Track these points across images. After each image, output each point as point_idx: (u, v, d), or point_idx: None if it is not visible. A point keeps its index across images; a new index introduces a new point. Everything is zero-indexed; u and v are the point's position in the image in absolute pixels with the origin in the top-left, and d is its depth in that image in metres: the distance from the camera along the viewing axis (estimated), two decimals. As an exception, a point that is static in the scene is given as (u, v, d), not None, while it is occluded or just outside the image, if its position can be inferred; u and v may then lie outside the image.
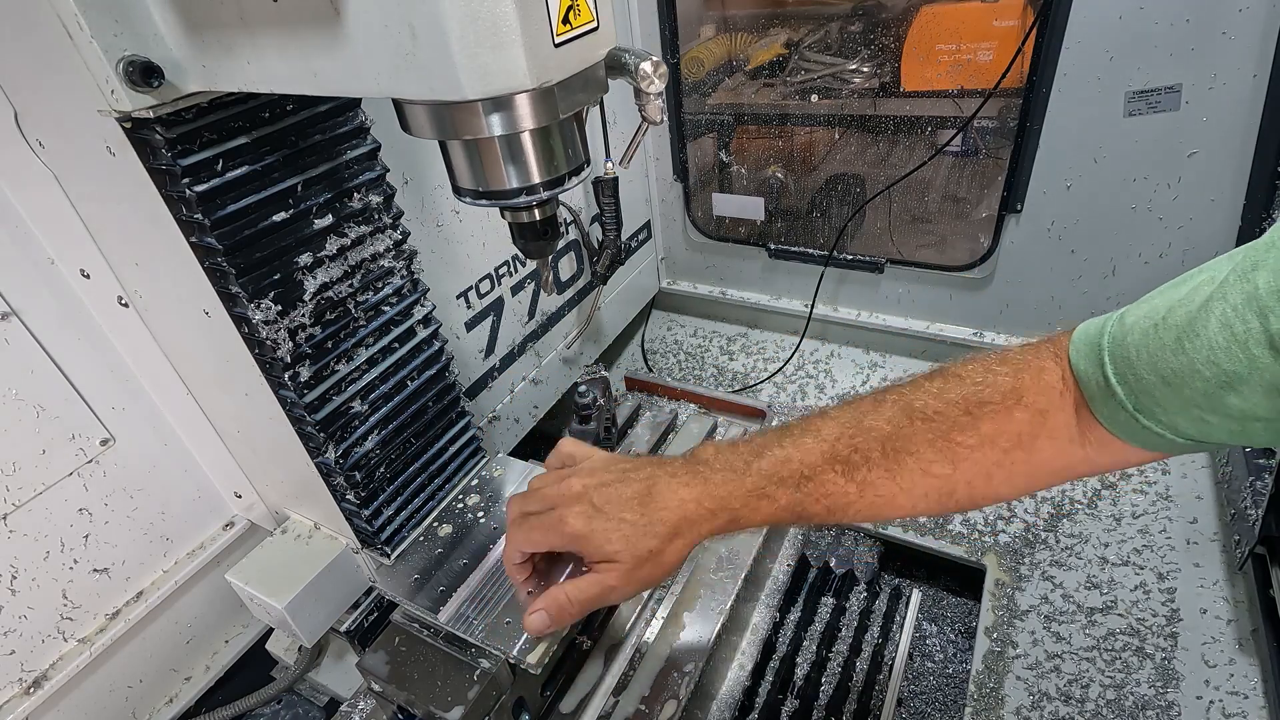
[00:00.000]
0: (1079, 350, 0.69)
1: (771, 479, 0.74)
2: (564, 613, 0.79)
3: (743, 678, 1.33)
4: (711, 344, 2.38)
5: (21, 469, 1.05)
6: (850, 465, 0.73)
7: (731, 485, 0.75)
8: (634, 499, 0.76)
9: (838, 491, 0.73)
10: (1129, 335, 0.64)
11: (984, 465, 0.71)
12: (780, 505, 0.74)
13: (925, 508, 0.74)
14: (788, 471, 0.74)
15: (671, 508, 0.75)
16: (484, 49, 0.57)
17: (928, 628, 1.86)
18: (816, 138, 2.18)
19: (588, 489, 0.78)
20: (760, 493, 0.74)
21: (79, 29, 0.70)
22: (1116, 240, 1.69)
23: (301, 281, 0.95)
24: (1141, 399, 0.63)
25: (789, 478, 0.74)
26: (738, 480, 0.75)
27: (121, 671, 1.24)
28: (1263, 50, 1.36)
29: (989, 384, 0.72)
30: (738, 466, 0.76)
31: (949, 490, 0.72)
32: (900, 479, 0.72)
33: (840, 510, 0.74)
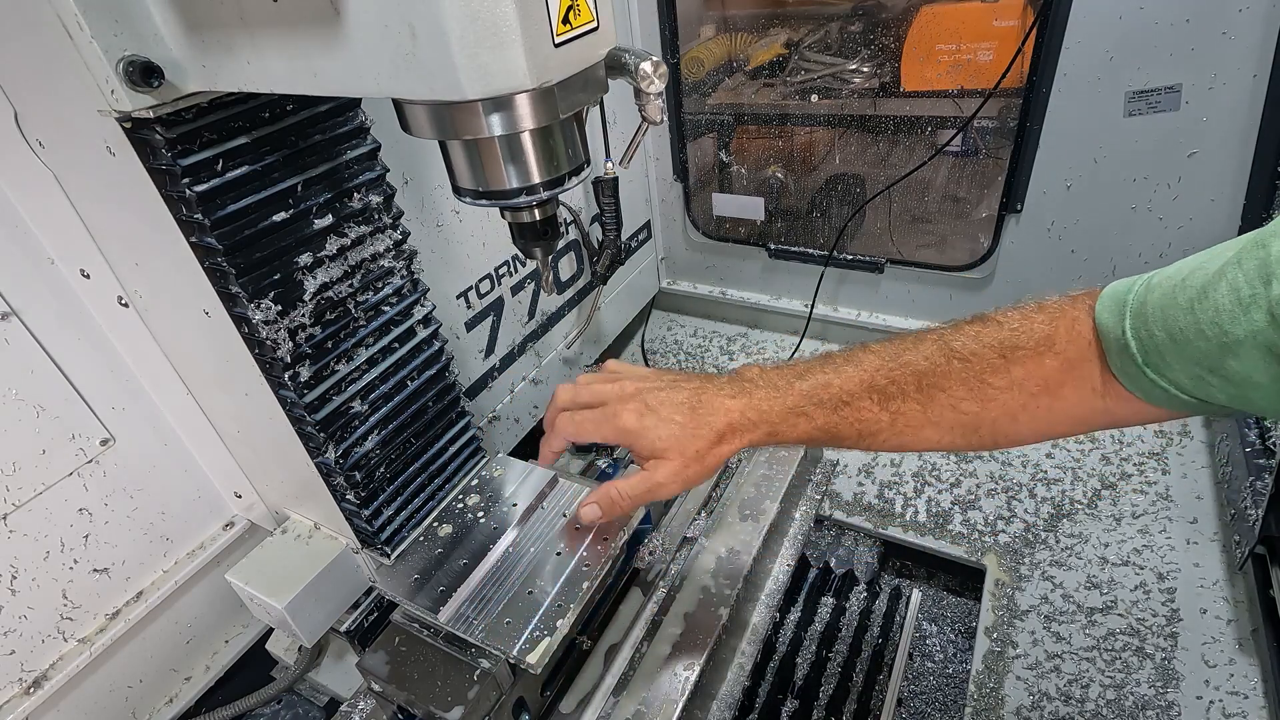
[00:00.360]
0: (1105, 305, 0.73)
1: (810, 399, 0.78)
2: (615, 506, 0.84)
3: (743, 678, 1.33)
4: (711, 344, 2.38)
5: (21, 469, 1.05)
6: (886, 395, 0.77)
7: (773, 401, 0.79)
8: (684, 403, 0.80)
9: (871, 418, 0.77)
10: (1151, 294, 0.68)
11: (1010, 407, 0.75)
12: (816, 425, 0.78)
13: (950, 441, 0.78)
14: (827, 395, 0.78)
15: (718, 414, 0.79)
16: (484, 49, 0.57)
17: (928, 628, 1.86)
18: (816, 138, 2.18)
19: (641, 390, 0.82)
20: (799, 411, 0.78)
21: (79, 29, 0.70)
22: (1116, 240, 1.69)
23: (301, 281, 0.95)
24: (1150, 354, 0.66)
25: (827, 400, 0.78)
26: (779, 397, 0.79)
27: (121, 671, 1.24)
28: (1263, 50, 1.36)
29: (1025, 330, 0.75)
30: (780, 385, 0.80)
31: (974, 426, 0.76)
32: (930, 411, 0.76)
33: (870, 435, 0.78)
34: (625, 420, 0.80)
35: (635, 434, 0.80)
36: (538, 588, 1.13)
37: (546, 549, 1.19)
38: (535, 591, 1.12)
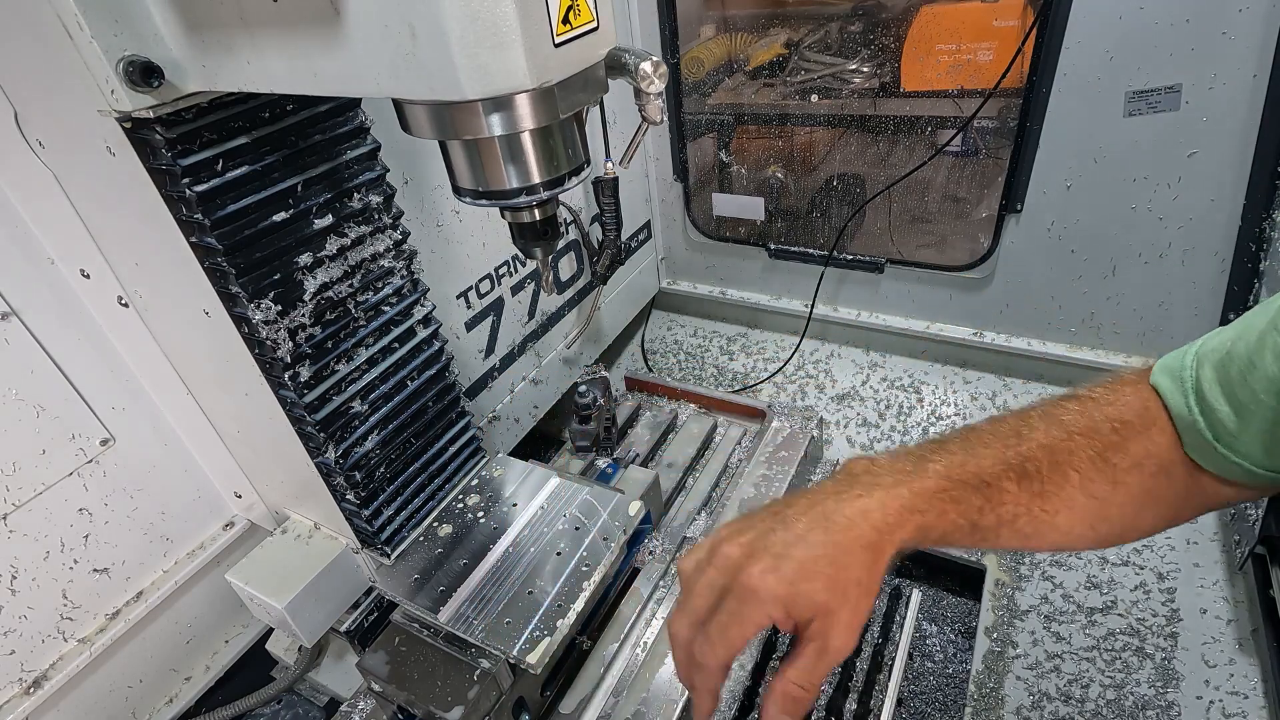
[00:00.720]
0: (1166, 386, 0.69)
1: (952, 479, 0.66)
2: (801, 704, 0.64)
3: (743, 677, 1.33)
4: (711, 344, 2.38)
5: (21, 469, 1.05)
6: (1024, 474, 0.67)
7: (910, 485, 0.66)
8: (814, 532, 0.63)
9: (1011, 501, 0.67)
10: (1203, 370, 0.65)
11: (1135, 491, 0.68)
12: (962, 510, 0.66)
13: (1080, 533, 0.69)
14: (967, 474, 0.67)
15: (859, 522, 0.63)
16: (484, 49, 0.57)
17: (928, 628, 1.86)
18: (816, 138, 2.18)
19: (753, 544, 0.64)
20: (945, 494, 0.66)
21: (79, 29, 0.70)
22: (1116, 240, 1.69)
23: (301, 281, 0.95)
24: (1220, 432, 0.63)
25: (969, 480, 0.67)
26: (915, 481, 0.66)
27: (121, 671, 1.24)
28: (1263, 50, 1.36)
29: (1123, 403, 0.70)
30: (907, 470, 0.68)
31: (1104, 515, 0.69)
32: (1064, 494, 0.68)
33: (1009, 524, 0.68)
34: (769, 589, 0.61)
35: (789, 599, 0.61)
36: (538, 588, 1.13)
37: (546, 549, 1.19)
38: (535, 591, 1.12)
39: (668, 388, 2.03)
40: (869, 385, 2.11)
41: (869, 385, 2.11)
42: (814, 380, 2.17)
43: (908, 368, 2.11)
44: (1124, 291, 1.74)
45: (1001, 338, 1.96)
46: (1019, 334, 1.94)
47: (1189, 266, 1.63)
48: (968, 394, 2.00)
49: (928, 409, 2.01)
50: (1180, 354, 0.69)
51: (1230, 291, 1.59)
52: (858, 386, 2.11)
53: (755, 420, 1.84)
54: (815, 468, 1.77)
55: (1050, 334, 1.90)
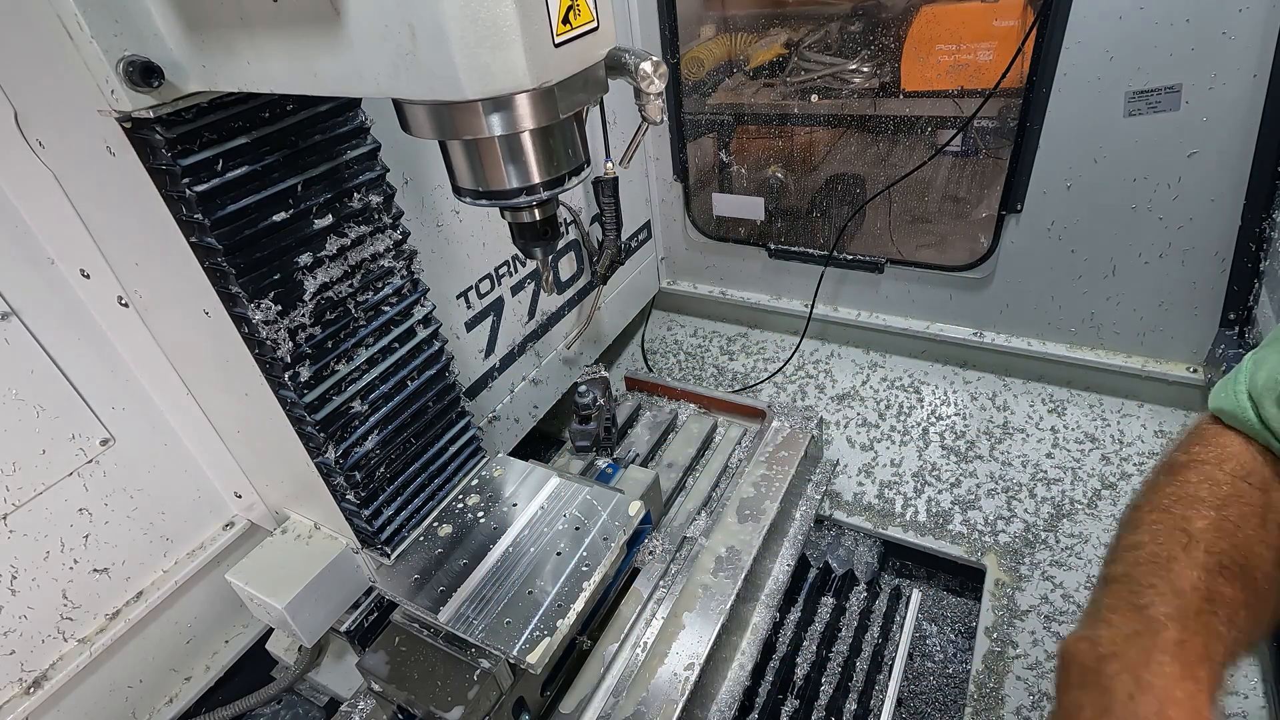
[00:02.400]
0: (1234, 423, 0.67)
1: (1190, 610, 0.61)
2: None
3: (743, 678, 1.33)
4: (711, 344, 2.38)
5: (21, 469, 1.05)
6: (1226, 572, 0.62)
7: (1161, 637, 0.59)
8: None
9: (1234, 602, 0.62)
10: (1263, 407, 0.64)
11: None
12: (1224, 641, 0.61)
13: None
14: (1191, 592, 0.61)
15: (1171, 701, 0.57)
16: (484, 49, 0.57)
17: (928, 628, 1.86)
18: (816, 138, 2.18)
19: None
20: (1200, 616, 0.60)
21: (79, 29, 0.70)
22: (1116, 240, 1.69)
23: (301, 281, 0.95)
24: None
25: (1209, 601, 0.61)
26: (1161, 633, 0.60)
27: (121, 671, 1.24)
28: (1263, 50, 1.36)
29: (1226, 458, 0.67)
30: (1146, 628, 0.60)
31: None
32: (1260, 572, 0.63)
33: (1235, 623, 0.62)
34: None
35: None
36: (538, 588, 1.13)
37: (546, 549, 1.19)
38: (535, 591, 1.12)
39: (668, 388, 2.03)
40: (869, 385, 2.11)
41: (869, 385, 2.11)
42: (814, 380, 2.17)
43: (908, 368, 2.11)
44: (1124, 291, 1.74)
45: (1001, 338, 1.96)
46: (1019, 334, 1.94)
47: (1189, 266, 1.63)
48: (968, 394, 2.00)
49: (928, 409, 2.01)
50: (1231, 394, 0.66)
51: (1230, 291, 1.59)
52: (858, 386, 2.11)
53: (755, 420, 1.84)
54: (815, 468, 1.77)
55: (1050, 334, 1.90)
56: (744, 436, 1.81)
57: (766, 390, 2.19)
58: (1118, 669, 0.58)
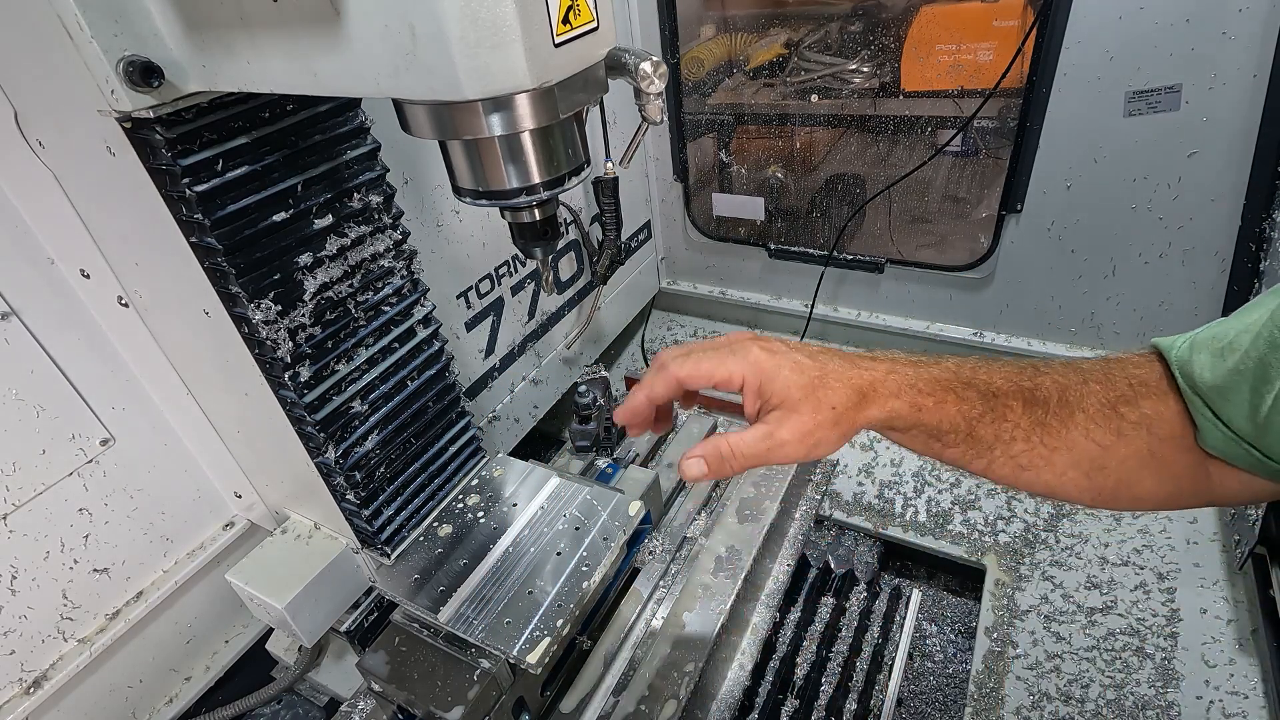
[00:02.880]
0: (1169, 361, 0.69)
1: (961, 379, 0.69)
2: (724, 464, 0.70)
3: (743, 678, 1.33)
4: (711, 344, 2.38)
5: (21, 469, 1.05)
6: (1032, 399, 0.69)
7: (920, 371, 0.69)
8: (820, 354, 0.70)
9: (1013, 420, 0.69)
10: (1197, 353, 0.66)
11: (1139, 449, 0.69)
12: (962, 409, 0.68)
13: (1074, 480, 0.70)
14: (977, 379, 0.69)
15: (861, 369, 0.68)
16: (484, 49, 0.57)
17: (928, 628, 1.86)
18: (816, 138, 2.18)
19: (772, 341, 0.72)
20: (949, 386, 0.69)
21: (79, 29, 0.70)
22: (1116, 240, 1.69)
23: (301, 281, 0.95)
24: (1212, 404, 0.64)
25: (978, 384, 0.69)
26: (926, 369, 0.70)
27: (121, 671, 1.24)
28: (1263, 50, 1.36)
29: (1148, 367, 0.71)
30: (924, 361, 0.71)
31: (1102, 465, 0.69)
32: (1066, 433, 0.69)
33: (1004, 444, 0.69)
34: (755, 354, 0.68)
35: (767, 371, 0.67)
36: (538, 588, 1.13)
37: (546, 549, 1.19)
38: (535, 591, 1.12)
39: (668, 388, 2.02)
40: (869, 385, 2.11)
41: (869, 385, 2.11)
42: (814, 380, 2.17)
43: (908, 368, 2.11)
44: (1124, 291, 1.74)
45: (1001, 338, 1.96)
46: (1019, 334, 1.94)
47: (1189, 266, 1.63)
48: (968, 394, 2.00)
49: (928, 409, 2.01)
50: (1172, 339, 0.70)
51: (1230, 291, 1.59)
52: (858, 386, 2.11)
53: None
54: (815, 468, 1.77)
55: (1050, 334, 1.90)
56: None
57: (766, 390, 2.18)
58: (884, 356, 0.71)
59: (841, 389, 0.67)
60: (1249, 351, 0.60)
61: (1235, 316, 0.66)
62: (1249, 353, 0.60)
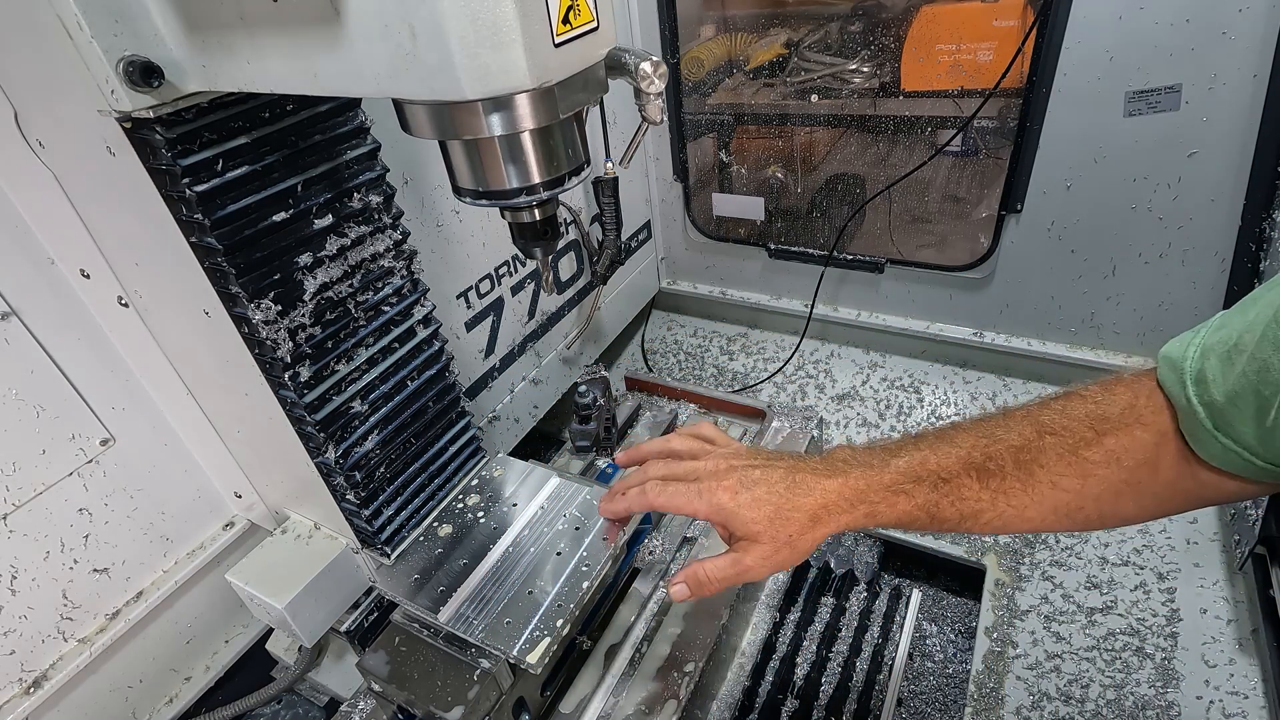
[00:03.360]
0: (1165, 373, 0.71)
1: (909, 476, 0.76)
2: (703, 587, 0.82)
3: (743, 678, 1.33)
4: (711, 344, 2.38)
5: (21, 469, 1.05)
6: (985, 472, 0.75)
7: (870, 479, 0.77)
8: (779, 483, 0.78)
9: (972, 497, 0.75)
10: (1208, 361, 0.66)
11: (1112, 483, 0.72)
12: (916, 503, 0.76)
13: (1055, 523, 0.75)
14: (925, 471, 0.76)
15: (814, 494, 0.77)
16: (484, 49, 0.57)
17: (928, 628, 1.86)
18: (816, 138, 2.18)
19: (735, 469, 0.81)
20: (898, 489, 0.76)
21: (79, 29, 0.70)
22: (1116, 240, 1.69)
23: (301, 281, 0.95)
24: (1217, 418, 0.65)
25: (926, 477, 0.76)
26: (876, 475, 0.77)
27: (121, 671, 1.24)
28: (1263, 50, 1.36)
29: (1108, 401, 0.74)
30: (874, 464, 0.78)
31: (1078, 506, 0.74)
32: (1031, 490, 0.74)
33: (972, 517, 0.76)
34: (720, 498, 0.79)
35: (730, 513, 0.78)
36: (538, 588, 1.13)
37: (546, 549, 1.19)
38: (535, 591, 1.12)
39: (668, 388, 2.03)
40: (869, 385, 2.11)
41: (869, 385, 2.11)
42: (814, 380, 2.17)
43: (908, 368, 2.11)
44: (1124, 291, 1.74)
45: (1001, 338, 1.96)
46: (1019, 334, 1.94)
47: (1189, 266, 1.63)
48: (968, 394, 2.00)
49: (928, 409, 2.01)
50: (1183, 344, 0.70)
51: (1230, 291, 1.59)
52: (858, 386, 2.12)
53: (755, 420, 1.84)
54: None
55: (1050, 334, 1.90)
56: (744, 436, 1.81)
57: (766, 390, 2.19)
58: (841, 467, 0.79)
59: (796, 519, 0.77)
60: (1254, 354, 0.60)
61: (1238, 310, 0.66)
62: (1254, 355, 0.60)
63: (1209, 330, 0.68)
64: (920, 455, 0.77)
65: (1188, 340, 0.70)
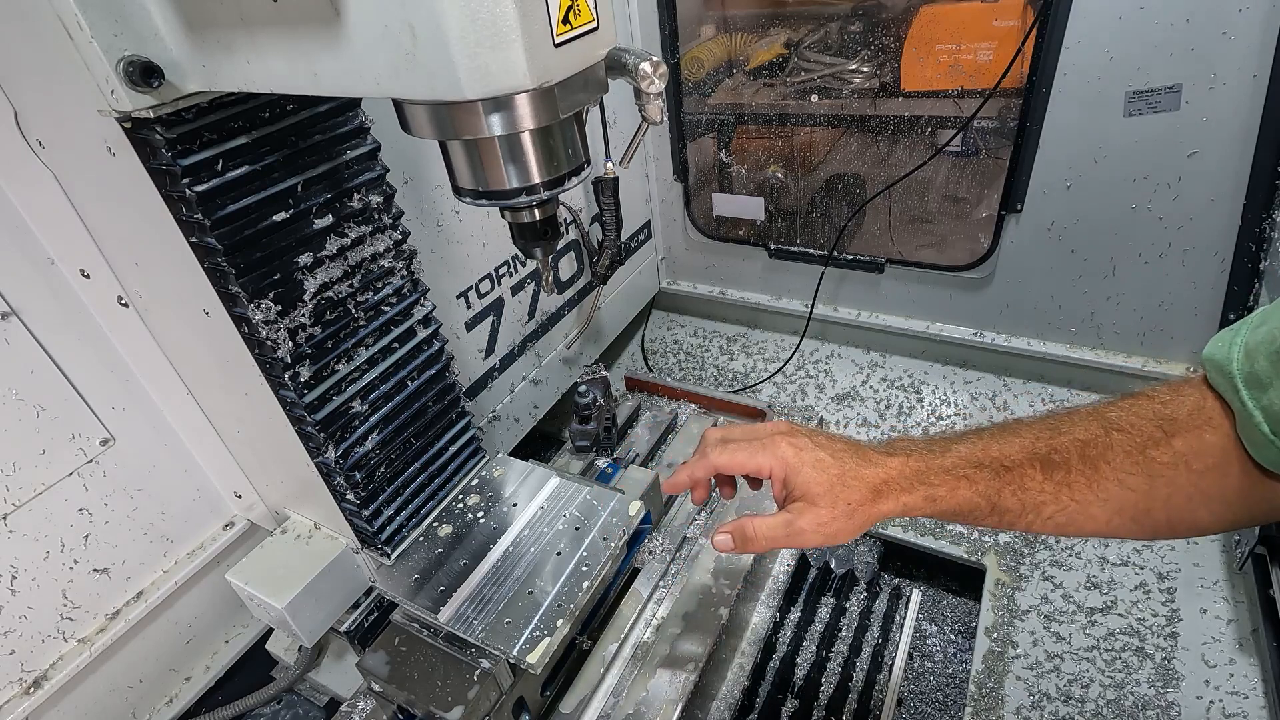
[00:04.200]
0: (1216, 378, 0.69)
1: (971, 462, 0.74)
2: (749, 543, 0.80)
3: (743, 678, 1.33)
4: (711, 344, 2.38)
5: (21, 469, 1.05)
6: (1049, 464, 0.72)
7: (930, 461, 0.75)
8: (844, 451, 0.77)
9: (1035, 488, 0.73)
10: (1256, 362, 0.64)
11: (1181, 486, 0.69)
12: (978, 489, 0.73)
13: (1122, 526, 0.73)
14: (987, 458, 0.74)
15: (879, 468, 0.75)
16: (484, 49, 0.57)
17: (928, 628, 1.86)
18: (816, 138, 2.18)
19: (799, 430, 0.81)
20: (959, 473, 0.74)
21: (79, 29, 0.70)
22: (1116, 240, 1.69)
23: (301, 281, 0.95)
24: (1275, 423, 0.62)
25: (988, 464, 0.74)
26: (936, 459, 0.75)
27: (121, 671, 1.24)
28: (1263, 50, 1.36)
29: (1176, 402, 0.71)
30: (936, 449, 0.77)
31: (1145, 508, 0.71)
32: (1097, 487, 0.71)
33: (1034, 510, 0.73)
34: (784, 450, 0.77)
35: (794, 468, 0.76)
36: (538, 588, 1.13)
37: (546, 549, 1.19)
38: (535, 591, 1.12)
39: (668, 388, 2.03)
40: (869, 385, 2.11)
41: (869, 385, 2.11)
42: (814, 380, 2.17)
43: (908, 368, 2.11)
44: (1124, 291, 1.74)
45: (1001, 338, 1.96)
46: (1019, 334, 1.94)
47: (1189, 266, 1.63)
48: (968, 394, 2.00)
49: (928, 409, 2.01)
50: (1225, 345, 0.67)
51: (1230, 291, 1.59)
52: (858, 386, 2.12)
53: (755, 420, 1.84)
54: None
55: (1050, 334, 1.90)
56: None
57: (766, 390, 2.19)
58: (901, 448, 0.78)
59: (858, 487, 0.74)
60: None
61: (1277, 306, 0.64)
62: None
63: (1249, 329, 0.66)
64: (982, 443, 0.75)
65: (1228, 340, 0.67)
